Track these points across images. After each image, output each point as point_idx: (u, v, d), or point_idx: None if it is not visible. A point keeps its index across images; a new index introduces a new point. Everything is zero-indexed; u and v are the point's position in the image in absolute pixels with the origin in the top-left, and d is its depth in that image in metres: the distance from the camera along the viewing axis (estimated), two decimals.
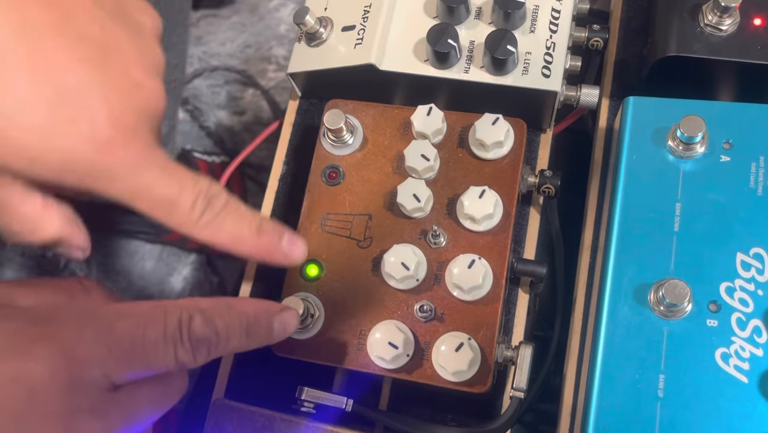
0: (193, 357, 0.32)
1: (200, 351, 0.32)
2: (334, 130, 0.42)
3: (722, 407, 0.34)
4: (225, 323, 0.32)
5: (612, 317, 0.36)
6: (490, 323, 0.38)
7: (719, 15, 0.39)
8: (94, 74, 0.30)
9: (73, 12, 0.30)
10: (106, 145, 0.30)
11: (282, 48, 1.15)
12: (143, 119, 0.31)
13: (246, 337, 0.33)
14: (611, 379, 0.35)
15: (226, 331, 0.32)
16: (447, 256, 0.40)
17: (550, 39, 0.42)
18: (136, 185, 0.31)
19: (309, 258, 0.41)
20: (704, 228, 0.37)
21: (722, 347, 0.35)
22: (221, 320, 0.32)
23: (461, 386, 0.37)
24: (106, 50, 0.30)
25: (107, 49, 0.30)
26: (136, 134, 0.31)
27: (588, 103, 0.43)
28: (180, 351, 0.31)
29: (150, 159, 0.32)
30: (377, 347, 0.38)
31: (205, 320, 0.32)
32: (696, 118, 0.37)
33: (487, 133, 0.40)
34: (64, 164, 0.30)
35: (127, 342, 0.30)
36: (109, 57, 0.30)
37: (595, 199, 0.43)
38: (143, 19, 0.34)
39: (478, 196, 0.39)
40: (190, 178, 0.33)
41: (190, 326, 0.31)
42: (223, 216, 0.34)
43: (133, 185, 0.31)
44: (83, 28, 0.30)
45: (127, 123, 0.30)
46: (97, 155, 0.30)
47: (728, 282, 0.36)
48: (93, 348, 0.29)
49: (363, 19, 0.44)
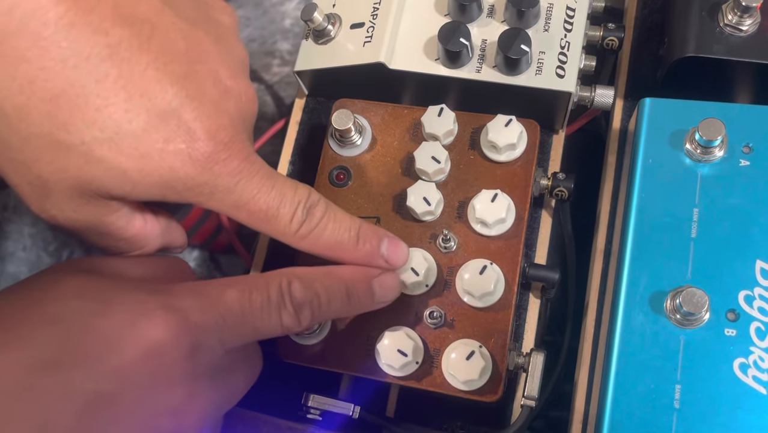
0: (298, 320, 0.32)
1: (304, 314, 0.33)
2: (342, 130, 0.41)
3: (740, 419, 0.33)
4: (324, 286, 0.33)
5: (626, 324, 0.36)
6: (502, 330, 0.37)
7: (739, 15, 0.38)
8: (185, 89, 0.29)
9: (155, 26, 0.29)
10: (205, 161, 0.30)
11: (286, 42, 1.14)
12: (239, 126, 0.31)
13: (347, 300, 0.34)
14: (625, 388, 0.35)
15: (327, 294, 0.33)
16: (457, 261, 0.39)
17: (565, 38, 0.41)
18: (236, 199, 0.31)
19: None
20: (722, 234, 0.36)
21: (740, 357, 0.34)
22: (320, 284, 0.33)
23: (472, 395, 0.36)
24: (192, 61, 0.30)
25: (193, 59, 0.30)
26: (234, 145, 0.31)
27: (602, 104, 0.42)
28: (284, 315, 0.32)
29: (249, 170, 0.31)
30: (386, 354, 0.37)
31: (304, 285, 0.33)
32: (715, 121, 0.36)
33: (499, 135, 0.39)
34: (165, 185, 0.30)
35: (238, 309, 0.31)
36: (197, 68, 0.30)
37: (608, 203, 0.43)
38: (223, 18, 0.34)
39: (491, 199, 0.38)
40: (289, 188, 0.33)
41: (290, 291, 0.32)
42: (323, 225, 0.34)
43: (234, 199, 0.31)
44: (167, 41, 0.29)
45: (223, 135, 0.30)
46: (197, 172, 0.30)
47: (747, 290, 0.35)
48: (209, 316, 0.30)
49: (372, 17, 0.43)
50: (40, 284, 0.30)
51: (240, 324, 0.31)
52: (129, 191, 0.30)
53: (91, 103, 0.28)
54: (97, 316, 0.28)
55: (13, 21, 0.26)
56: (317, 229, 0.34)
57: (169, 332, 0.28)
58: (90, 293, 0.29)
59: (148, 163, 0.29)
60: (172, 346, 0.28)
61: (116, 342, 0.27)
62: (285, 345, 0.39)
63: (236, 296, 0.31)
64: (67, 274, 0.30)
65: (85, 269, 0.31)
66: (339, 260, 0.35)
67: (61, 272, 0.30)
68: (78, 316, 0.28)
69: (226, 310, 0.30)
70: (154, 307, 0.29)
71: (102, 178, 0.29)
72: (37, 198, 0.30)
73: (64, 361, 0.26)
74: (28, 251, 1.06)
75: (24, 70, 0.27)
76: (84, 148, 0.28)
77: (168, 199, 0.31)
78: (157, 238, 0.34)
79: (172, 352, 0.28)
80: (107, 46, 0.28)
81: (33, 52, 0.27)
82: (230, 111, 0.31)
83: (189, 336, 0.29)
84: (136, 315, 0.28)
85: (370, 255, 0.36)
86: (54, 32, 0.26)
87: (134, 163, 0.29)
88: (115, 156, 0.29)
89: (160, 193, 0.30)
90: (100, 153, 0.28)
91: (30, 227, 1.08)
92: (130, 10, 0.28)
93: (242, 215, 0.32)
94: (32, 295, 0.29)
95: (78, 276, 0.30)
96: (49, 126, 0.28)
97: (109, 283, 0.30)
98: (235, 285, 0.31)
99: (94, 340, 0.27)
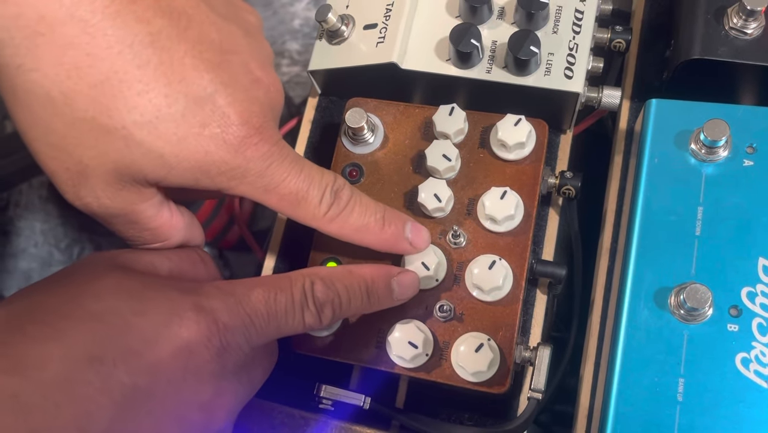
0: (319, 319, 0.34)
1: (325, 313, 0.34)
2: (355, 128, 0.42)
3: (742, 412, 0.34)
4: (345, 286, 0.34)
5: (631, 320, 0.36)
6: (510, 324, 0.38)
7: (744, 18, 0.39)
8: (219, 76, 0.31)
9: (191, 18, 0.31)
10: (239, 145, 0.31)
11: (296, 42, 1.15)
12: (268, 114, 0.33)
13: (367, 298, 0.35)
14: (630, 382, 0.35)
15: (347, 293, 0.34)
16: (467, 256, 0.40)
17: (573, 40, 0.42)
18: (267, 182, 0.33)
19: (328, 256, 0.41)
20: (726, 232, 0.37)
21: (743, 352, 0.35)
22: (341, 283, 0.34)
23: (480, 387, 0.37)
24: (225, 51, 0.31)
25: (225, 50, 0.31)
26: (264, 131, 0.32)
27: (609, 104, 0.43)
28: (307, 315, 0.33)
29: (279, 155, 0.33)
30: (397, 346, 0.38)
31: (326, 285, 0.34)
32: (720, 122, 0.37)
33: (509, 134, 0.40)
34: (200, 168, 0.31)
35: (263, 310, 0.32)
36: (229, 57, 0.31)
37: (614, 202, 0.43)
38: (250, 17, 0.35)
39: (500, 197, 0.39)
40: (317, 172, 0.35)
41: (313, 291, 0.33)
42: (350, 209, 0.36)
43: (265, 182, 0.33)
44: (202, 32, 0.31)
45: (255, 121, 0.32)
46: (230, 156, 0.31)
47: (750, 287, 0.36)
48: (237, 318, 0.31)
49: (385, 18, 0.44)
50: (78, 278, 0.31)
51: (265, 324, 0.32)
52: (164, 176, 0.31)
53: (134, 88, 0.29)
54: (134, 314, 0.29)
55: (62, 9, 0.27)
56: (345, 211, 0.35)
57: (200, 333, 0.30)
58: (127, 291, 0.30)
59: (185, 148, 0.30)
60: (202, 345, 0.30)
61: (152, 340, 0.29)
62: (298, 337, 0.40)
63: (262, 297, 0.32)
64: (104, 270, 0.31)
65: (119, 264, 0.32)
66: (365, 243, 0.37)
67: (98, 268, 0.31)
68: (117, 314, 0.29)
69: (252, 311, 0.31)
70: (187, 308, 0.30)
71: (140, 162, 0.30)
72: (73, 185, 0.31)
73: (105, 356, 0.28)
74: (39, 248, 1.08)
75: (72, 56, 0.28)
76: (124, 133, 0.29)
77: (200, 184, 0.32)
78: (179, 232, 0.35)
79: (203, 351, 0.30)
80: (149, 34, 0.29)
81: (81, 38, 0.28)
82: (260, 99, 0.32)
83: (218, 337, 0.30)
84: (170, 315, 0.29)
85: (395, 237, 0.37)
86: (101, 20, 0.28)
87: (172, 147, 0.30)
88: (154, 140, 0.30)
89: (193, 178, 0.31)
90: (139, 137, 0.29)
91: (42, 224, 1.09)
92: (169, 2, 0.30)
93: (272, 199, 0.33)
94: (72, 290, 0.30)
95: (114, 273, 0.31)
96: (93, 111, 0.29)
97: (144, 280, 0.31)
98: (261, 286, 0.32)
99: (132, 337, 0.28)
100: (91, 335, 0.28)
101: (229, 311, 0.31)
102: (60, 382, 0.26)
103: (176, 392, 0.29)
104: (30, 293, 0.31)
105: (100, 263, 0.32)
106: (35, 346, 0.27)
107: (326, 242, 0.41)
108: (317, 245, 0.42)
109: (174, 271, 0.34)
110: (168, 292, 0.30)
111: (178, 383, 0.29)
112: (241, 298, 0.31)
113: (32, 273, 1.07)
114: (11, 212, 1.10)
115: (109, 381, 0.27)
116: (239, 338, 0.31)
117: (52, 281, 0.31)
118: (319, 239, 0.42)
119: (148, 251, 0.34)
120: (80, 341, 0.27)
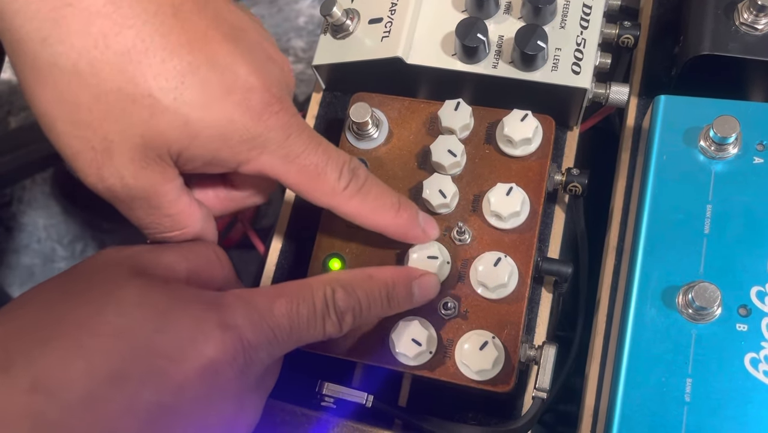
0: (340, 328, 0.33)
1: (346, 321, 0.33)
2: (359, 123, 0.41)
3: (750, 413, 0.34)
4: (365, 292, 0.34)
5: (638, 318, 0.36)
6: (515, 322, 0.38)
7: (755, 14, 0.39)
8: (238, 48, 0.32)
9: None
10: (261, 112, 0.32)
11: (300, 40, 1.14)
12: (284, 89, 0.33)
13: (387, 303, 0.35)
14: (637, 382, 0.35)
15: (368, 300, 0.34)
16: (472, 253, 0.39)
17: (581, 35, 0.41)
18: (287, 153, 0.33)
19: (332, 252, 0.41)
20: (735, 231, 0.36)
21: (752, 352, 0.34)
22: (362, 290, 0.34)
23: (484, 385, 0.37)
24: (239, 29, 0.33)
25: (239, 27, 0.33)
26: (283, 102, 0.33)
27: (617, 101, 0.42)
28: (328, 324, 0.33)
29: (298, 127, 0.33)
30: (400, 343, 0.37)
31: (347, 293, 0.33)
32: (730, 119, 0.37)
33: (515, 130, 0.39)
34: (222, 136, 0.31)
35: (286, 324, 0.31)
36: (244, 35, 0.33)
37: (621, 200, 0.43)
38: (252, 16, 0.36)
39: (506, 193, 0.39)
40: (333, 149, 0.35)
41: (334, 300, 0.33)
42: (368, 187, 0.36)
43: (285, 153, 0.33)
44: (217, 10, 0.32)
45: (274, 91, 0.32)
46: (252, 123, 0.32)
47: (759, 286, 0.35)
48: (261, 334, 0.31)
49: (390, 12, 0.43)
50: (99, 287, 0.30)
51: (288, 338, 0.32)
52: (188, 145, 0.31)
53: (158, 56, 0.30)
54: (159, 332, 0.28)
55: None
56: (364, 189, 0.35)
57: (225, 352, 0.29)
58: (151, 306, 0.29)
59: (209, 113, 0.31)
60: (227, 364, 0.29)
61: (177, 358, 0.28)
62: None
63: (285, 310, 0.32)
64: (126, 277, 0.30)
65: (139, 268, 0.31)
66: (381, 225, 0.36)
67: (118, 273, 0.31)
68: (141, 330, 0.28)
69: (276, 326, 0.31)
70: (212, 325, 0.29)
71: (166, 131, 0.30)
72: (96, 167, 0.31)
73: (130, 374, 0.27)
74: (42, 244, 1.08)
75: (99, 24, 0.29)
76: (150, 101, 0.30)
77: (220, 156, 0.32)
78: (197, 222, 0.35)
79: (227, 370, 0.29)
80: (171, 6, 0.30)
81: (107, 8, 0.29)
82: (276, 75, 0.33)
83: (243, 355, 0.30)
84: (195, 332, 0.29)
85: (410, 221, 0.37)
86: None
87: (196, 112, 0.30)
88: (180, 106, 0.30)
89: (214, 148, 0.32)
90: (165, 103, 0.30)
91: (45, 220, 1.09)
92: None
93: (291, 171, 0.33)
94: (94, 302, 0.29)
95: (135, 281, 0.30)
96: (119, 80, 0.29)
97: (167, 292, 0.30)
98: (283, 296, 0.32)
99: (157, 355, 0.28)
100: (115, 352, 0.27)
101: (254, 328, 0.30)
102: (85, 401, 0.26)
103: (200, 411, 0.29)
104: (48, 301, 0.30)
105: (118, 265, 0.31)
106: (60, 363, 0.27)
107: (329, 238, 0.41)
108: (320, 242, 0.41)
109: (191, 272, 0.33)
110: (192, 307, 0.30)
111: (203, 402, 0.29)
112: (264, 312, 0.31)
113: (35, 269, 1.06)
114: (14, 208, 1.10)
115: (134, 400, 0.27)
116: (262, 354, 0.31)
117: (69, 287, 0.31)
118: (322, 235, 0.41)
119: (166, 250, 0.34)
120: (105, 359, 0.27)
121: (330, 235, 0.41)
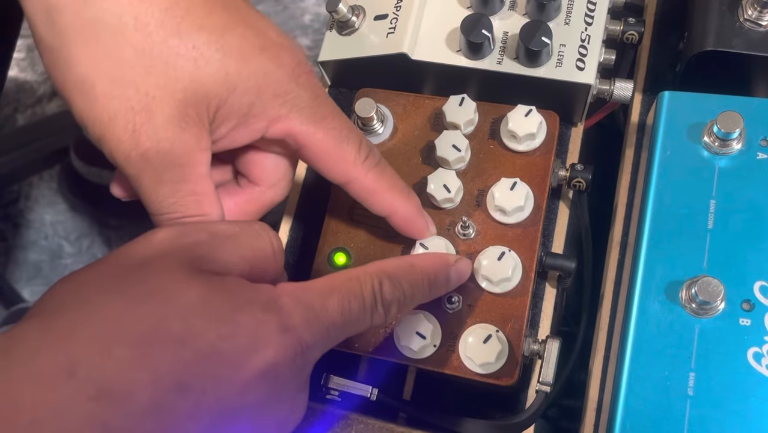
0: (385, 319, 0.33)
1: (391, 313, 0.34)
2: (364, 118, 0.42)
3: (753, 407, 0.34)
4: (410, 283, 0.34)
5: (642, 313, 0.36)
6: (518, 315, 0.38)
7: (759, 10, 0.39)
8: (263, 19, 0.34)
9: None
10: (295, 68, 0.34)
11: (306, 38, 1.15)
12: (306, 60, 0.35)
13: (429, 291, 0.35)
14: (640, 376, 0.35)
15: (411, 290, 0.34)
16: (476, 247, 0.39)
17: (585, 31, 0.42)
18: (315, 113, 0.34)
19: (337, 246, 0.41)
20: (739, 226, 0.37)
21: (754, 346, 0.35)
22: (407, 281, 0.34)
23: (488, 378, 0.37)
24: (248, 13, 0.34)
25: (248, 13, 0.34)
26: (310, 68, 0.34)
27: (621, 97, 0.42)
28: (375, 316, 0.33)
29: (324, 94, 0.35)
30: (405, 336, 0.38)
31: (393, 285, 0.33)
32: (734, 114, 0.37)
33: (519, 125, 0.40)
34: (258, 89, 0.33)
35: (340, 322, 0.31)
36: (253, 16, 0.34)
37: (625, 195, 0.43)
38: None
39: (510, 188, 0.39)
40: (352, 124, 0.36)
41: (381, 293, 0.33)
42: (384, 165, 0.37)
43: (313, 112, 0.34)
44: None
45: (301, 58, 0.34)
46: (286, 78, 0.33)
47: (762, 281, 0.35)
48: (317, 332, 0.30)
49: (396, 8, 0.44)
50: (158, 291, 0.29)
51: (341, 334, 0.32)
52: (226, 98, 0.32)
53: (199, 12, 0.32)
54: (221, 339, 0.28)
55: None
56: (380, 164, 0.36)
57: (286, 356, 0.29)
58: (212, 312, 0.29)
59: (246, 66, 0.32)
60: (286, 366, 0.29)
61: (240, 365, 0.28)
62: None
63: (338, 307, 0.31)
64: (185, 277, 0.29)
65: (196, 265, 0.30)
66: (394, 206, 0.37)
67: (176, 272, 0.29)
68: (204, 338, 0.28)
69: (330, 324, 0.31)
70: (272, 330, 0.29)
71: (207, 83, 0.32)
72: (133, 130, 0.31)
73: (194, 382, 0.27)
74: (49, 240, 1.08)
75: None
76: (195, 53, 0.31)
77: (254, 111, 0.33)
78: (217, 213, 0.34)
79: (286, 372, 0.29)
80: None
81: None
82: (297, 45, 0.35)
83: (301, 357, 0.30)
84: (257, 338, 0.29)
85: (418, 210, 0.38)
86: None
87: (236, 63, 0.32)
88: (222, 57, 0.32)
89: (249, 102, 0.33)
90: (208, 54, 0.32)
91: (52, 216, 1.09)
92: None
93: (318, 134, 0.35)
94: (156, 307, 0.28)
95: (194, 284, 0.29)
96: (164, 34, 0.31)
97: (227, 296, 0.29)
98: (335, 292, 0.32)
99: (220, 363, 0.28)
100: (179, 361, 0.27)
101: (311, 328, 0.30)
102: (149, 409, 0.26)
103: (259, 413, 0.29)
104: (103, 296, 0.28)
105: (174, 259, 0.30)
106: (125, 371, 0.26)
107: (334, 233, 0.41)
108: (325, 236, 0.42)
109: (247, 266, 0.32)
110: (252, 309, 0.29)
111: (262, 405, 0.29)
112: (319, 311, 0.31)
113: (42, 265, 1.07)
114: (21, 205, 1.11)
115: (197, 408, 0.27)
116: (317, 353, 0.31)
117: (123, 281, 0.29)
118: (327, 229, 0.42)
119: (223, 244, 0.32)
120: (168, 368, 0.27)
121: (335, 229, 0.41)
